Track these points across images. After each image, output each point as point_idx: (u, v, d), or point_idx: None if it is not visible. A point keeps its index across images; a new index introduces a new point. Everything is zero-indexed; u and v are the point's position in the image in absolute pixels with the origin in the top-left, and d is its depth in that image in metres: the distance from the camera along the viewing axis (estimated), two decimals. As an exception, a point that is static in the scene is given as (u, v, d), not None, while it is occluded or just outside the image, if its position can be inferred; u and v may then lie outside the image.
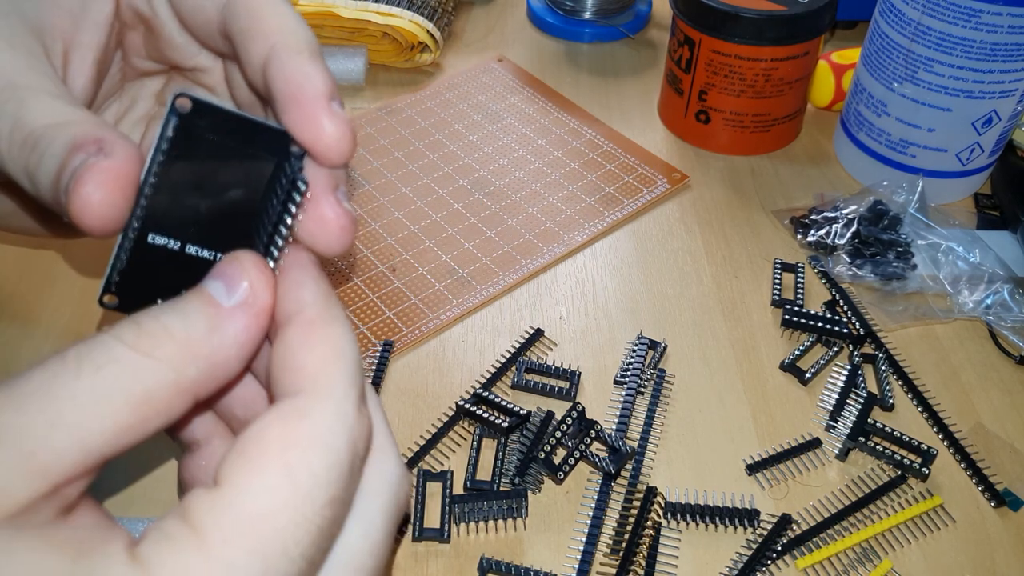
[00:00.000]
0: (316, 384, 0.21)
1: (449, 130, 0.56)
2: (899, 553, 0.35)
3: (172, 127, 0.23)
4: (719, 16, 0.50)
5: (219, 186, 0.24)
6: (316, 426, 0.20)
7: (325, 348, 0.21)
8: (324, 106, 0.23)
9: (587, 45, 0.66)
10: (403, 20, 0.59)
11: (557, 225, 0.49)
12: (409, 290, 0.45)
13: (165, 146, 0.23)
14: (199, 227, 0.24)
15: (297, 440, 0.20)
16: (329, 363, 0.21)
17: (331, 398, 0.20)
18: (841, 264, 0.46)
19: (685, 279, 0.47)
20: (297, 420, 0.20)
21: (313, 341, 0.21)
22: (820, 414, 0.40)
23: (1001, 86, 0.46)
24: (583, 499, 0.36)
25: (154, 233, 0.23)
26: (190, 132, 0.23)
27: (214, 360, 0.21)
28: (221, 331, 0.21)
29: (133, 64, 0.32)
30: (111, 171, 0.22)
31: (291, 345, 0.21)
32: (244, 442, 0.20)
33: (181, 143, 0.23)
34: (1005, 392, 0.41)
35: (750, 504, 0.36)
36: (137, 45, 0.31)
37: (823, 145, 0.57)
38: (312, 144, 0.23)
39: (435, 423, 0.39)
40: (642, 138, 0.56)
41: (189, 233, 0.24)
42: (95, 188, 0.21)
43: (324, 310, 0.22)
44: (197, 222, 0.24)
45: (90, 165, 0.22)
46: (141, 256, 0.23)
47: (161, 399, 0.20)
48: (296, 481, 0.19)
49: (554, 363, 0.42)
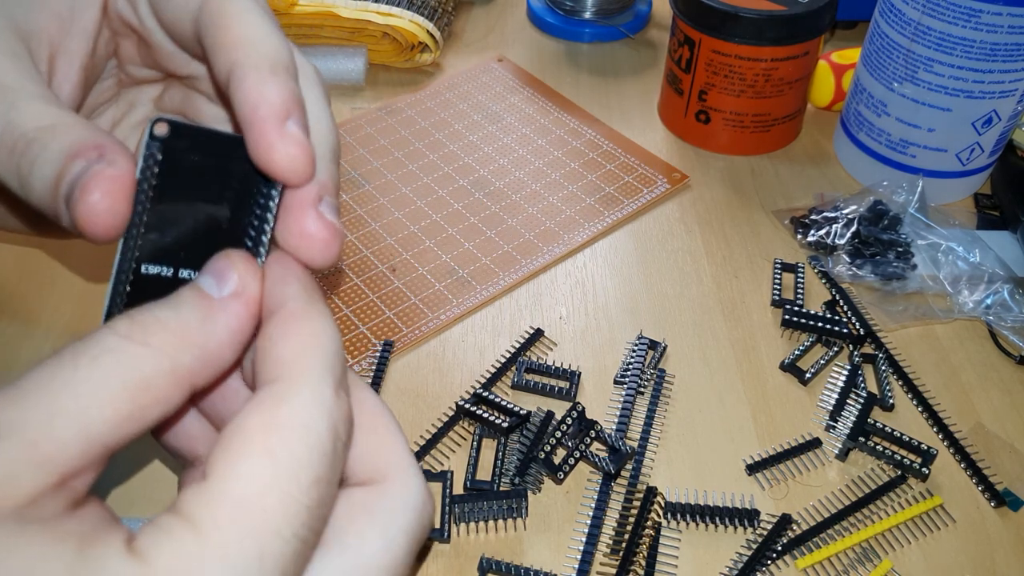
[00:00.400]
0: (292, 370, 0.21)
1: (449, 130, 0.56)
2: (899, 553, 0.35)
3: (154, 153, 0.23)
4: (719, 16, 0.50)
5: (204, 205, 0.24)
6: (294, 410, 0.20)
7: (302, 337, 0.22)
8: (275, 127, 0.22)
9: (587, 45, 0.66)
10: (403, 20, 0.59)
11: (557, 225, 0.49)
12: (409, 290, 0.45)
13: (149, 173, 0.23)
14: (188, 250, 0.24)
15: (276, 425, 0.20)
16: (306, 351, 0.21)
17: (307, 383, 0.21)
18: (841, 264, 0.46)
19: (685, 279, 0.47)
20: (275, 406, 0.20)
21: (291, 332, 0.22)
22: (820, 414, 0.40)
23: (1001, 86, 0.46)
24: (583, 499, 0.36)
25: (147, 263, 0.24)
26: (172, 156, 0.24)
27: (208, 348, 0.21)
28: (213, 320, 0.22)
29: (129, 72, 0.32)
30: (116, 179, 0.22)
31: (271, 337, 0.22)
32: (227, 434, 0.20)
33: (164, 168, 0.24)
34: (1005, 392, 0.41)
35: (750, 504, 0.36)
36: (131, 54, 0.31)
37: (823, 145, 0.57)
38: (266, 166, 0.23)
39: (435, 423, 0.39)
40: (642, 138, 0.56)
41: (180, 258, 0.24)
42: (102, 196, 0.22)
43: (305, 304, 0.22)
44: (186, 245, 0.24)
45: (95, 173, 0.22)
46: (138, 287, 0.24)
47: (159, 386, 0.20)
48: (279, 463, 0.20)
49: (554, 363, 0.42)
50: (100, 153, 0.23)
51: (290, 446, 0.20)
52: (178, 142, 0.24)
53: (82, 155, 0.23)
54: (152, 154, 0.23)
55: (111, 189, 0.22)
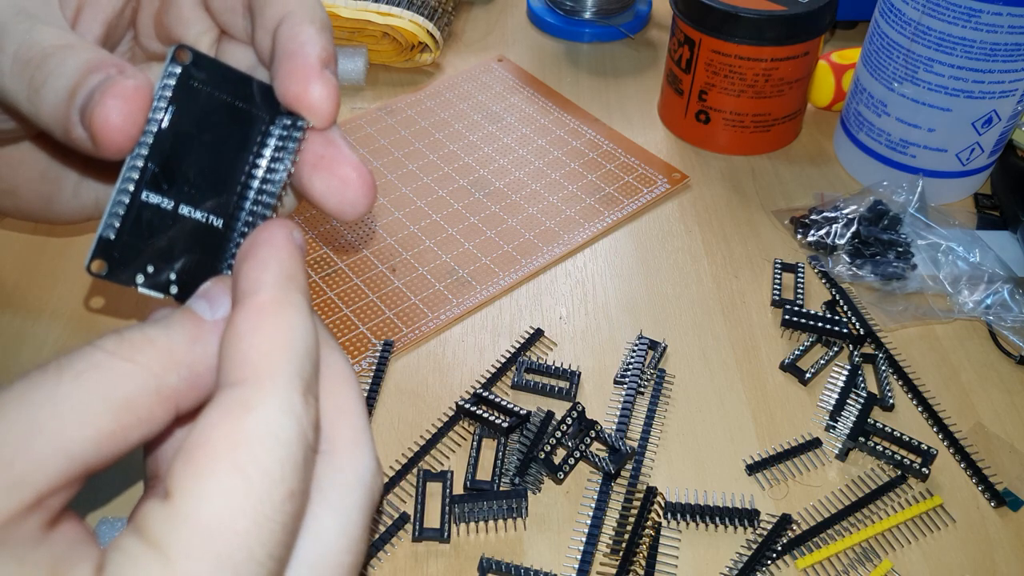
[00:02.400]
0: (260, 374, 0.20)
1: (449, 130, 0.56)
2: (899, 553, 0.35)
3: (171, 79, 0.23)
4: (719, 16, 0.50)
5: (214, 141, 0.24)
6: (262, 420, 0.19)
7: (272, 333, 0.20)
8: (316, 67, 0.24)
9: (587, 45, 0.66)
10: (403, 20, 0.59)
11: (557, 225, 0.49)
12: (409, 290, 0.45)
13: (163, 99, 0.23)
14: (192, 186, 0.23)
15: (244, 438, 0.19)
16: (274, 351, 0.20)
17: (275, 389, 0.20)
18: (841, 264, 0.46)
19: (685, 279, 0.47)
20: (241, 415, 0.19)
21: (260, 326, 0.20)
22: (820, 414, 0.40)
23: (1001, 86, 0.46)
24: (583, 499, 0.36)
25: (148, 190, 0.23)
26: (188, 84, 0.23)
27: (196, 370, 0.20)
28: (203, 342, 0.21)
29: (143, 44, 0.32)
30: (136, 90, 0.22)
31: (238, 330, 0.20)
32: (190, 447, 0.19)
33: (179, 95, 0.23)
34: (1005, 392, 0.41)
35: (750, 504, 0.36)
36: (148, 24, 0.31)
37: (823, 145, 0.57)
38: (296, 100, 0.24)
39: (435, 423, 0.39)
40: (642, 138, 0.56)
41: (182, 192, 0.23)
42: (121, 104, 0.22)
43: (280, 293, 0.21)
44: (190, 180, 0.23)
45: (114, 81, 0.22)
46: (135, 215, 0.22)
47: (142, 406, 0.19)
48: (250, 481, 0.18)
49: (554, 363, 0.42)
50: (120, 69, 0.23)
51: (260, 461, 0.19)
52: (198, 71, 0.23)
53: (102, 69, 0.23)
54: (169, 80, 0.23)
55: (131, 98, 0.22)
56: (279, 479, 0.19)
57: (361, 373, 0.41)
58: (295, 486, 0.19)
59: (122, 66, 0.23)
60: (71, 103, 0.23)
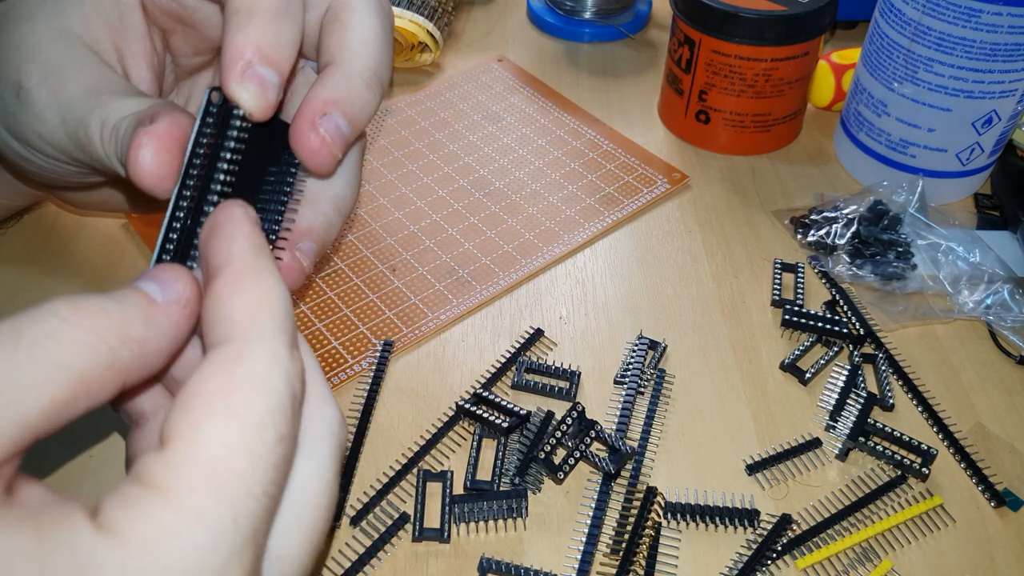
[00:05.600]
0: (247, 330, 0.21)
1: (449, 130, 0.56)
2: (899, 553, 0.35)
3: (209, 118, 0.26)
4: (719, 16, 0.50)
5: (243, 169, 0.26)
6: (252, 370, 0.20)
7: (253, 295, 0.22)
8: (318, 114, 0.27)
9: (587, 45, 0.66)
10: (403, 20, 0.59)
11: (557, 225, 0.49)
12: (409, 290, 0.45)
13: (203, 136, 0.25)
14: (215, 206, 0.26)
15: (236, 385, 0.20)
16: (258, 309, 0.21)
17: (263, 342, 0.21)
18: (841, 264, 0.46)
19: (685, 279, 0.47)
20: (233, 366, 0.20)
21: (241, 290, 0.22)
22: (820, 414, 0.40)
23: (1001, 86, 0.46)
24: (583, 499, 0.36)
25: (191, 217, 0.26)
26: (224, 123, 0.26)
27: (146, 348, 0.21)
28: (155, 321, 0.22)
29: (182, 64, 0.34)
30: (156, 134, 0.25)
31: (220, 295, 0.22)
32: (184, 397, 0.20)
33: (215, 133, 0.26)
34: (1005, 392, 0.41)
35: (750, 504, 0.36)
36: (181, 45, 0.33)
37: (823, 145, 0.57)
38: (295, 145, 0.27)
39: (435, 423, 0.39)
40: (642, 138, 0.56)
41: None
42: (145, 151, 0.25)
43: (252, 260, 0.22)
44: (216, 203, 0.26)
45: (140, 132, 0.25)
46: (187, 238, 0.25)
47: (96, 378, 0.20)
48: (244, 424, 0.20)
49: (554, 363, 0.42)
50: (152, 117, 0.25)
51: (252, 406, 0.20)
52: (232, 110, 0.26)
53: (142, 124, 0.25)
54: (207, 120, 0.25)
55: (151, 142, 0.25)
56: (270, 422, 0.20)
57: (361, 373, 0.41)
58: (285, 431, 0.21)
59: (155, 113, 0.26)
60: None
